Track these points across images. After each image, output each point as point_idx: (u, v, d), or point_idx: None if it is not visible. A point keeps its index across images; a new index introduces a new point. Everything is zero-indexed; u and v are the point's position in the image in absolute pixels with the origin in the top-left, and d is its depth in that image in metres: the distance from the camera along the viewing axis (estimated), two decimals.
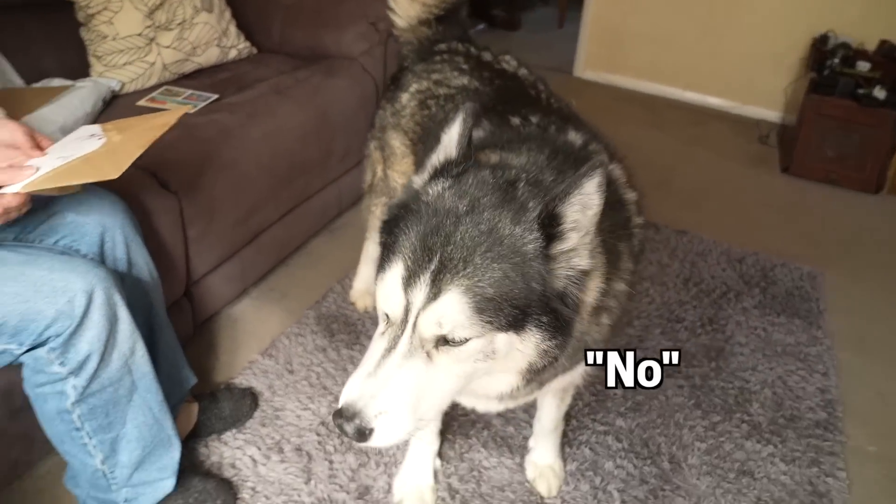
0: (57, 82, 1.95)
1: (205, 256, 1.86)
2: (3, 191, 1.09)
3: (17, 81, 1.94)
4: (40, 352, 1.19)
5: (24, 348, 1.19)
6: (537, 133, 1.21)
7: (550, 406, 1.57)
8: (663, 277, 2.33)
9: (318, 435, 1.71)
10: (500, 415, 1.80)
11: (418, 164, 1.51)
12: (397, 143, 1.66)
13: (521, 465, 1.68)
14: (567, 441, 1.75)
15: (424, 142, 1.53)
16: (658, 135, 3.34)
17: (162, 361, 1.51)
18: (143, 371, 1.34)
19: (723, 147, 3.26)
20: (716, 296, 2.27)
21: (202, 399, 1.72)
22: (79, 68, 2.09)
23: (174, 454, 1.46)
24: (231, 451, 1.67)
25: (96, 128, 1.31)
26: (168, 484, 1.46)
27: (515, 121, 1.28)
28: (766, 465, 1.72)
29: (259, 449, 1.68)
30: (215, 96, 2.07)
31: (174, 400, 1.53)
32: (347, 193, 2.39)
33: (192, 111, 1.97)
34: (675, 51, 3.59)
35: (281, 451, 1.67)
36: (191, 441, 1.66)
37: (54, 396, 1.25)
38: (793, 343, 2.10)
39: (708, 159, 3.14)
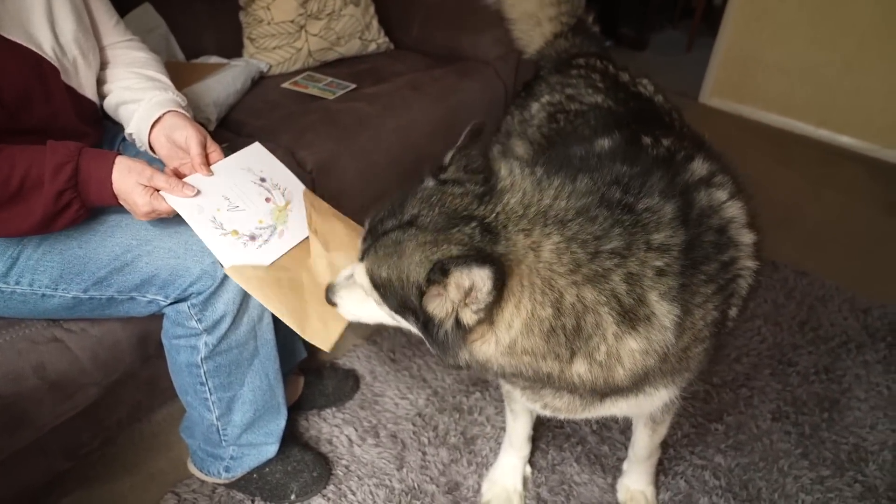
0: (214, 60, 2.07)
1: None
2: (164, 194, 1.18)
3: (180, 55, 2.08)
4: (182, 306, 1.26)
5: (169, 301, 1.26)
6: (666, 156, 1.16)
7: (642, 434, 1.51)
8: (777, 317, 2.20)
9: (414, 425, 1.72)
10: (594, 432, 1.75)
11: None
12: (521, 150, 1.64)
13: (612, 486, 1.63)
14: (662, 469, 1.68)
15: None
16: (784, 171, 3.16)
17: (279, 331, 1.56)
18: (266, 339, 1.40)
19: (856, 190, 3.04)
20: (834, 344, 2.12)
21: (308, 374, 1.77)
22: (232, 48, 2.21)
23: (280, 422, 1.52)
24: (329, 427, 1.72)
25: (287, 178, 1.35)
26: (272, 449, 1.52)
27: (647, 140, 1.23)
28: None
29: (356, 430, 1.71)
30: (353, 86, 2.14)
31: (284, 370, 1.58)
32: None
33: (332, 98, 2.04)
34: (813, 84, 3.39)
35: (377, 435, 1.70)
36: (293, 412, 1.72)
37: (187, 350, 1.32)
38: None
39: (838, 202, 2.94)
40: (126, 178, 1.14)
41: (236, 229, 1.23)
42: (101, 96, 1.39)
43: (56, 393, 1.35)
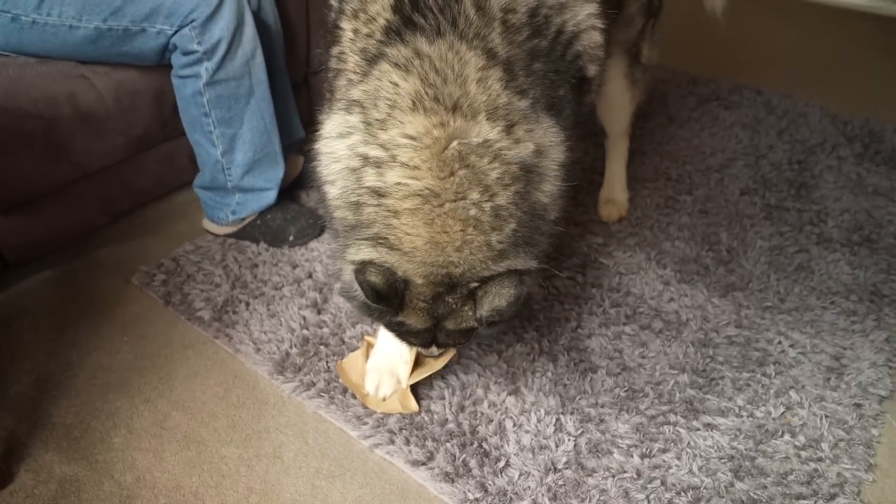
0: None
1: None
2: None
3: None
4: (185, 31, 1.50)
5: (174, 29, 1.50)
6: None
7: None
8: (756, 126, 2.31)
9: None
10: None
11: None
12: None
13: None
14: (630, 224, 1.87)
15: None
16: (783, 25, 3.21)
17: (276, 102, 1.78)
18: (260, 78, 1.63)
19: (860, 37, 3.05)
20: (811, 144, 2.22)
21: (308, 157, 1.98)
22: None
23: (278, 171, 1.76)
24: None
25: None
26: (271, 195, 1.76)
27: None
28: (830, 266, 1.74)
29: None
30: None
31: (284, 144, 1.80)
32: None
33: None
34: None
35: None
36: (293, 189, 1.97)
37: (192, 80, 1.56)
38: (887, 187, 2.03)
39: (837, 46, 2.96)
40: None
41: None
42: None
43: (88, 128, 1.61)
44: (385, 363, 1.39)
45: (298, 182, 1.97)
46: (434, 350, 1.21)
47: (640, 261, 1.74)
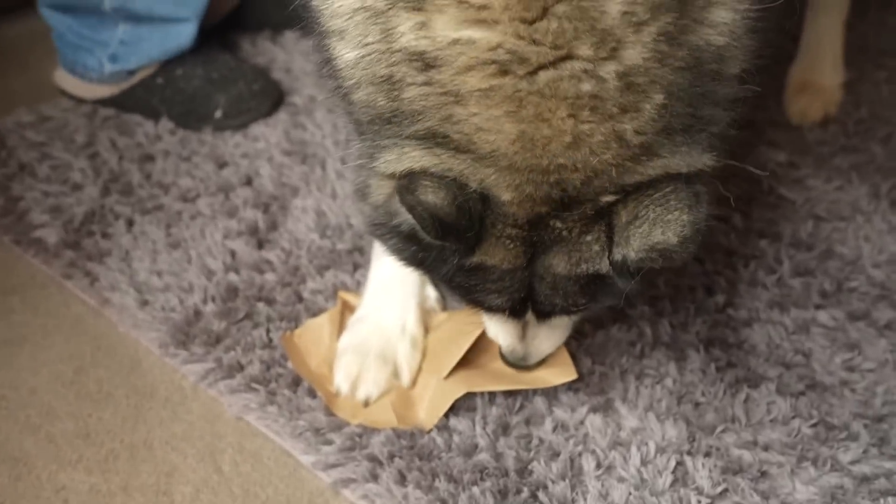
0: None
1: None
2: None
3: None
4: None
5: None
6: None
7: None
8: None
9: None
10: None
11: None
12: None
13: None
14: (843, 131, 1.75)
15: None
16: None
17: None
18: None
19: None
20: None
21: None
22: None
23: None
24: (287, 55, 1.82)
25: None
26: (185, 30, 1.60)
27: None
28: None
29: None
30: None
31: None
32: None
33: None
34: None
35: None
36: (230, 31, 1.83)
37: None
38: None
39: None
40: None
41: None
42: None
43: None
44: (373, 339, 1.31)
45: (239, 18, 1.84)
46: (532, 322, 1.13)
47: (859, 197, 1.61)
